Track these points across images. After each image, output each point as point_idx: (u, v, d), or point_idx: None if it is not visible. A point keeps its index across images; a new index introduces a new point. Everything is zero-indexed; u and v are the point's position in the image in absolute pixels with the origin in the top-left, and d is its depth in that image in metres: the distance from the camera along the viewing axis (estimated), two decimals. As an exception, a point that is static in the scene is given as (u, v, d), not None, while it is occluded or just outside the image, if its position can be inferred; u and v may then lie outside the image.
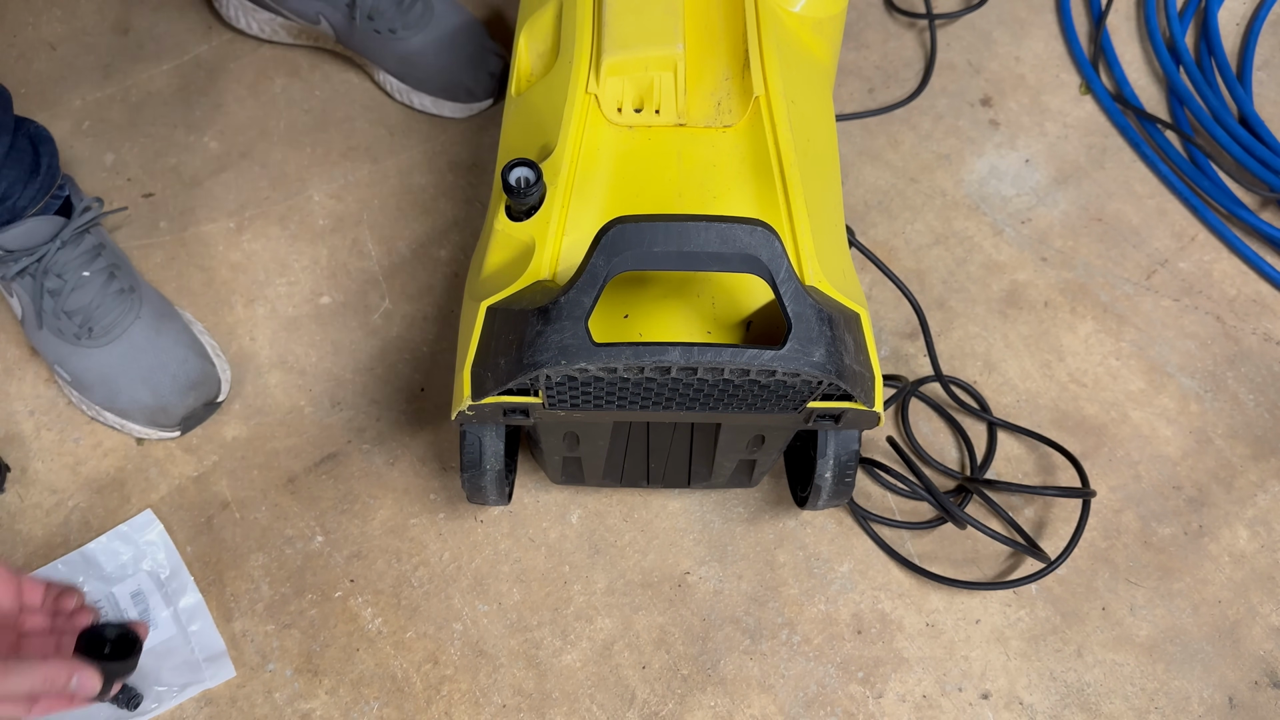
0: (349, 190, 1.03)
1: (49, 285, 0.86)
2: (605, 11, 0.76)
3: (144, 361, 0.87)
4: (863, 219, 1.03)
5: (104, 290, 0.87)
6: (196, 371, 0.88)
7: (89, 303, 0.86)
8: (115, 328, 0.87)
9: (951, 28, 1.17)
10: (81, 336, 0.87)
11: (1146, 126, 1.10)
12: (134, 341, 0.87)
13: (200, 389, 0.88)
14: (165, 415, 0.87)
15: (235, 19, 1.10)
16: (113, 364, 0.87)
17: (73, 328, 0.87)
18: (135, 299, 0.89)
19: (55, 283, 0.86)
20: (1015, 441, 0.92)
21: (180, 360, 0.88)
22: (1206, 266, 1.02)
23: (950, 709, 0.81)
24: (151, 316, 0.89)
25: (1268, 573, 0.87)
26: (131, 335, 0.87)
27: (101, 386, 0.87)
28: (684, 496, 0.89)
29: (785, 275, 0.60)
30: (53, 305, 0.86)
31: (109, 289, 0.87)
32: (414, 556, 0.86)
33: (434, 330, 0.96)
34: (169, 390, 0.87)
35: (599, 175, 0.72)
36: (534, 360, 0.61)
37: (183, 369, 0.88)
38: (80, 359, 0.87)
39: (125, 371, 0.87)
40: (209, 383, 0.89)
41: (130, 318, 0.88)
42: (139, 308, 0.88)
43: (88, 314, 0.87)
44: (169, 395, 0.87)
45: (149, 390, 0.86)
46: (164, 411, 0.87)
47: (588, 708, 0.80)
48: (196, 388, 0.88)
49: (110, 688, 0.70)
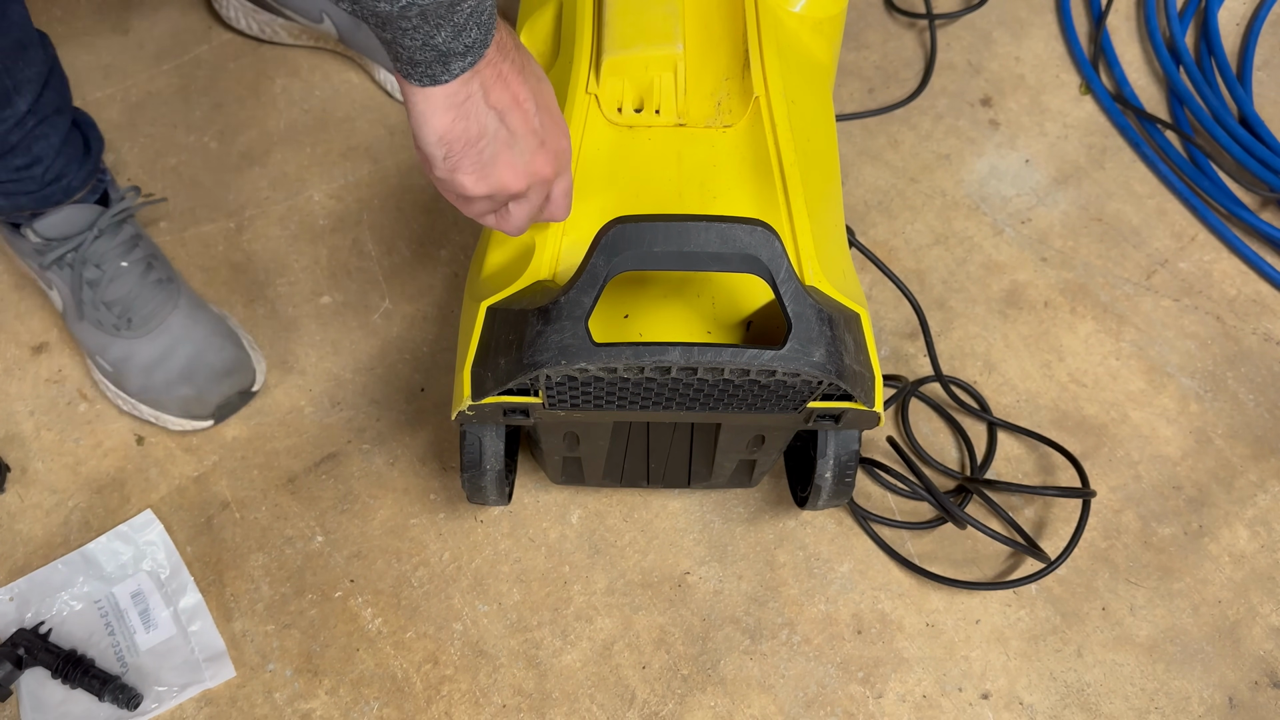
0: (349, 190, 1.03)
1: (88, 275, 0.87)
2: (605, 11, 0.76)
3: (183, 351, 0.87)
4: (863, 219, 1.03)
5: (142, 280, 0.88)
6: (232, 359, 0.88)
7: (128, 293, 0.87)
8: (154, 318, 0.87)
9: (951, 28, 1.17)
10: (121, 327, 0.87)
11: (1146, 126, 1.10)
12: (173, 331, 0.87)
13: (236, 376, 0.88)
14: (200, 405, 0.87)
15: (235, 20, 1.10)
16: (153, 354, 0.87)
17: (112, 318, 0.87)
18: (174, 289, 0.89)
19: (94, 273, 0.87)
20: (1015, 441, 0.92)
21: (217, 348, 0.88)
22: (1206, 266, 1.02)
23: (950, 709, 0.81)
24: (189, 307, 0.89)
25: (1268, 573, 0.87)
26: (170, 325, 0.88)
27: (139, 376, 0.87)
28: (684, 496, 0.89)
29: (785, 275, 0.60)
30: (92, 296, 0.87)
31: (147, 279, 0.88)
32: (414, 556, 0.86)
33: (434, 330, 0.96)
34: (205, 378, 0.87)
35: (599, 175, 0.72)
36: (534, 360, 0.61)
37: (219, 356, 0.88)
38: (119, 349, 0.87)
39: (164, 361, 0.87)
40: (244, 370, 0.89)
41: (169, 308, 0.88)
42: (177, 298, 0.89)
43: (127, 304, 0.87)
44: (204, 383, 0.87)
45: (185, 379, 0.87)
46: (199, 401, 0.87)
47: (588, 708, 0.80)
48: (232, 375, 0.88)
49: None
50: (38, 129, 0.79)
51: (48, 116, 0.80)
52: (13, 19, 0.74)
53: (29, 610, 0.82)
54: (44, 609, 0.82)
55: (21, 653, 0.78)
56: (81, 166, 0.84)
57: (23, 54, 0.75)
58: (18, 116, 0.77)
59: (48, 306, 0.95)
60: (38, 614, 0.82)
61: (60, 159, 0.82)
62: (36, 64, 0.77)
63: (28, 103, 0.77)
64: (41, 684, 0.79)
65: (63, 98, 0.82)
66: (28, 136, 0.79)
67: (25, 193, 0.82)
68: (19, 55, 0.75)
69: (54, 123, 0.80)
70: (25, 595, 0.83)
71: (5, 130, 0.77)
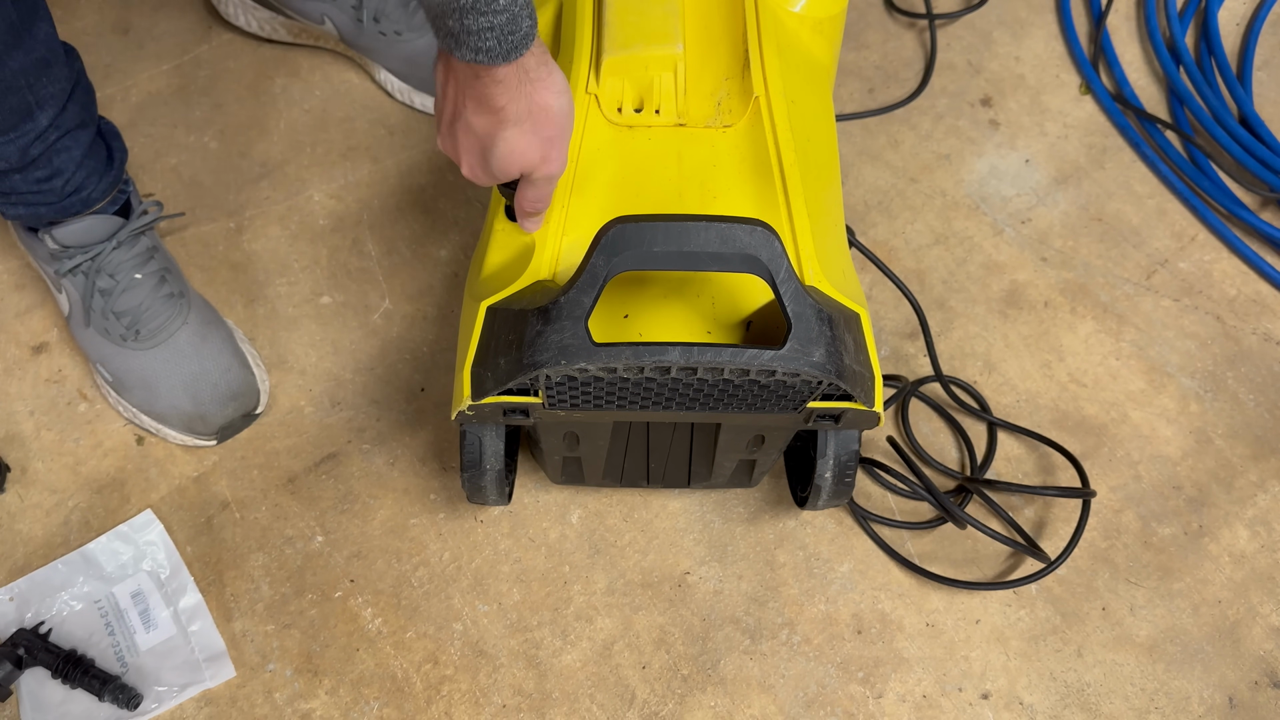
0: (349, 190, 1.03)
1: (101, 284, 0.87)
2: (605, 11, 0.76)
3: (187, 368, 0.87)
4: (863, 219, 1.03)
5: (154, 293, 0.88)
6: (239, 382, 0.88)
7: (138, 305, 0.87)
8: (162, 331, 0.87)
9: (951, 28, 1.17)
10: (128, 338, 0.87)
11: (1146, 126, 1.10)
12: (179, 347, 0.87)
13: (241, 400, 0.88)
14: (203, 424, 0.87)
15: (235, 16, 1.10)
16: (156, 368, 0.87)
17: (119, 328, 0.87)
18: (184, 304, 0.89)
19: (107, 282, 0.87)
20: (1015, 441, 0.92)
21: (224, 369, 0.88)
22: (1206, 266, 1.02)
23: (950, 709, 0.81)
24: (198, 323, 0.89)
25: (1268, 573, 0.87)
26: (177, 340, 0.87)
27: (142, 389, 0.87)
28: (684, 496, 0.89)
29: (785, 275, 0.60)
30: (102, 304, 0.87)
31: (159, 292, 0.88)
32: (414, 556, 0.86)
33: (434, 330, 0.96)
34: (209, 399, 0.87)
35: (599, 175, 0.72)
36: (534, 360, 0.61)
37: (225, 378, 0.87)
38: (124, 360, 0.87)
39: (167, 376, 0.87)
40: (249, 394, 0.89)
41: (177, 323, 0.88)
42: (186, 313, 0.89)
43: (136, 316, 0.87)
44: (209, 404, 0.87)
45: (189, 397, 0.86)
46: (202, 420, 0.87)
47: (588, 708, 0.80)
48: (237, 398, 0.88)
49: None
50: (59, 143, 0.79)
51: (70, 130, 0.80)
52: (39, 37, 0.75)
53: (29, 610, 0.82)
54: (44, 609, 0.82)
55: (21, 653, 0.78)
56: (103, 178, 0.84)
57: (47, 71, 0.76)
58: (39, 131, 0.77)
59: (48, 306, 0.95)
60: (38, 614, 0.82)
61: (81, 171, 0.82)
62: (61, 80, 0.77)
63: (49, 117, 0.77)
64: (41, 684, 0.79)
65: (87, 111, 0.82)
66: (49, 150, 0.79)
67: (45, 203, 0.82)
68: (43, 72, 0.76)
69: (76, 136, 0.81)
70: (25, 595, 0.83)
71: (26, 144, 0.77)
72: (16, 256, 0.98)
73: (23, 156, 0.78)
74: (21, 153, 0.78)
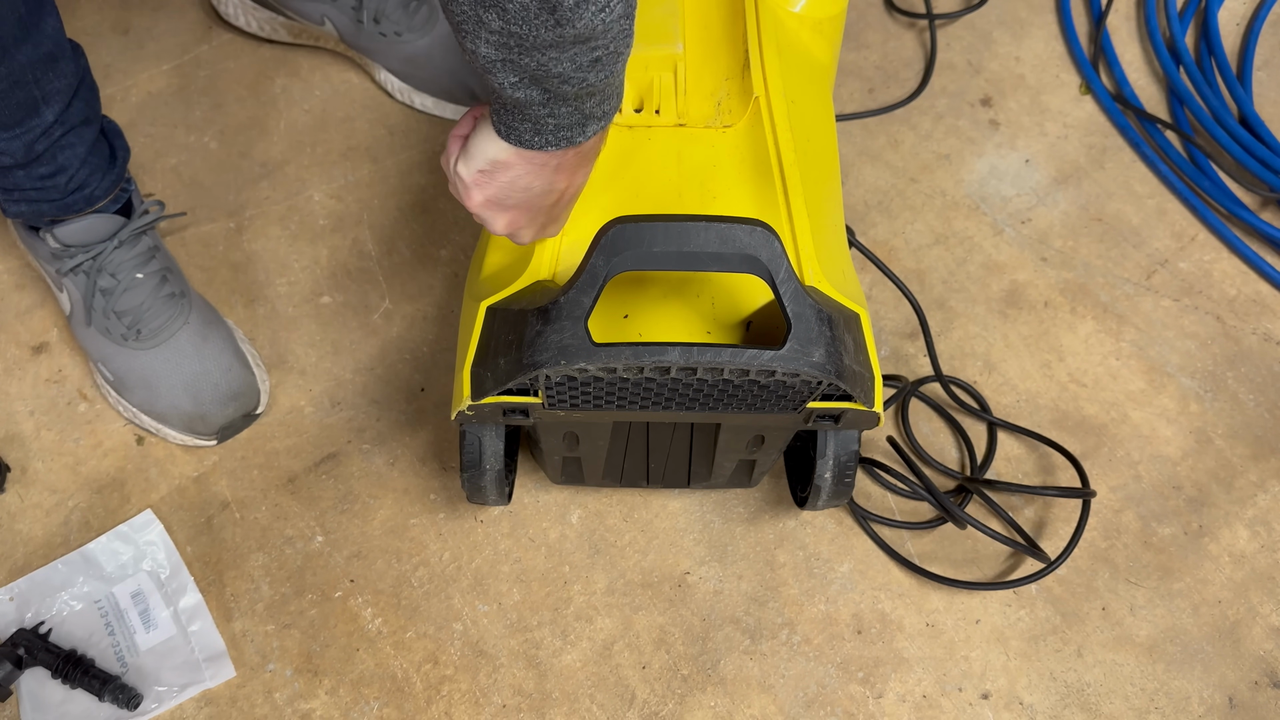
0: (349, 190, 1.03)
1: (102, 284, 0.87)
2: (605, 11, 0.76)
3: (188, 368, 0.87)
4: (863, 219, 1.03)
5: (155, 293, 0.88)
6: (239, 382, 0.88)
7: (139, 304, 0.87)
8: (163, 331, 0.87)
9: (951, 28, 1.17)
10: (129, 338, 0.87)
11: (1146, 126, 1.10)
12: (180, 347, 0.87)
13: (241, 400, 0.88)
14: (203, 424, 0.87)
15: (235, 17, 1.10)
16: (156, 368, 0.87)
17: (120, 328, 0.87)
18: (185, 304, 0.89)
19: (108, 281, 0.87)
20: (1015, 441, 0.92)
21: (224, 369, 0.88)
22: (1206, 266, 1.02)
23: (950, 709, 0.81)
24: (199, 323, 0.89)
25: (1268, 573, 0.87)
26: (178, 340, 0.87)
27: (142, 389, 0.87)
28: (684, 496, 0.89)
29: (785, 275, 0.60)
30: (103, 304, 0.87)
31: (160, 292, 0.88)
32: (414, 556, 0.86)
33: (434, 330, 0.96)
34: (210, 399, 0.87)
35: (599, 175, 0.72)
36: (534, 360, 0.61)
37: (225, 378, 0.87)
38: (124, 359, 0.87)
39: (168, 376, 0.87)
40: (250, 394, 0.89)
41: (178, 323, 0.88)
42: (188, 313, 0.89)
43: (137, 315, 0.87)
44: (209, 404, 0.87)
45: (190, 397, 0.86)
46: (202, 420, 0.87)
47: (588, 708, 0.80)
48: (238, 398, 0.88)
49: None
50: (64, 139, 0.79)
51: (75, 127, 0.80)
52: (46, 31, 0.74)
53: (29, 610, 0.82)
54: (44, 609, 0.82)
55: (21, 653, 0.78)
56: (105, 176, 0.84)
57: (53, 66, 0.76)
58: (44, 126, 0.77)
59: (48, 306, 0.95)
60: (38, 614, 0.82)
61: (85, 169, 0.82)
62: (67, 75, 0.77)
63: (55, 113, 0.77)
64: (41, 684, 0.79)
65: (91, 108, 0.82)
66: (53, 146, 0.79)
67: (48, 200, 0.82)
68: (49, 67, 0.76)
69: (80, 133, 0.81)
70: (25, 595, 0.83)
71: (31, 139, 0.77)
72: (17, 256, 0.98)
73: (28, 152, 0.78)
74: (26, 148, 0.78)
